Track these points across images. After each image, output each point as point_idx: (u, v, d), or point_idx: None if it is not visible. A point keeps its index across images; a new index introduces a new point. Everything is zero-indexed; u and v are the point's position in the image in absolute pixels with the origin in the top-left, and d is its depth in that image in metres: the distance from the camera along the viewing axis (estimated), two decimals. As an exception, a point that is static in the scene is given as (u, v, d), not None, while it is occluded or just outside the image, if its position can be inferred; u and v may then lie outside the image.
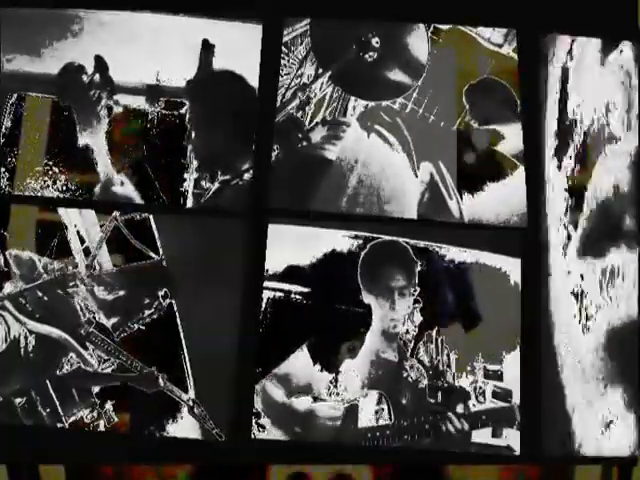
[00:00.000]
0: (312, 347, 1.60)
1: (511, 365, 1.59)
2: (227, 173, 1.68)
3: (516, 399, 1.57)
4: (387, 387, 1.59)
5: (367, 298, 1.62)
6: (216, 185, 1.67)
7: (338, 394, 1.58)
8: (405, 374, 1.59)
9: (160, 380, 1.57)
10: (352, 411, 1.57)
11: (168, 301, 1.62)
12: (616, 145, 1.68)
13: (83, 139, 1.69)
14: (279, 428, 1.56)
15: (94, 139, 1.69)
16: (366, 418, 1.57)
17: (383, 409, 1.57)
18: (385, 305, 1.62)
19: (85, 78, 1.72)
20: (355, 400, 1.58)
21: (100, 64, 1.72)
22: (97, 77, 1.72)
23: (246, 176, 1.68)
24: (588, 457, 1.55)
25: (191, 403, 1.57)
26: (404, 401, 1.58)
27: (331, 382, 1.58)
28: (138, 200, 1.67)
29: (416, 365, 1.59)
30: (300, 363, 1.59)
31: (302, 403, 1.57)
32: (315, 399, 1.57)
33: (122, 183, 1.67)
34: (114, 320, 1.61)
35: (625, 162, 1.67)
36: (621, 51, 1.72)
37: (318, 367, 1.59)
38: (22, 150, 1.69)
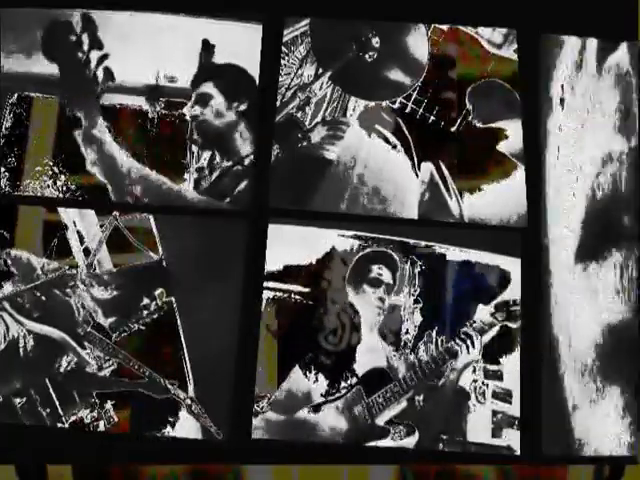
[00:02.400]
0: (305, 364, 1.59)
1: (511, 365, 1.59)
2: (227, 160, 1.69)
3: (516, 399, 1.57)
4: (385, 365, 1.60)
5: (352, 298, 1.62)
6: (216, 174, 1.68)
7: (339, 390, 1.58)
8: (401, 357, 1.60)
9: (175, 390, 1.58)
10: (357, 396, 1.57)
11: (168, 301, 1.62)
12: (615, 145, 1.68)
13: (74, 111, 1.70)
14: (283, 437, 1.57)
15: (86, 111, 1.70)
16: (372, 391, 1.58)
17: (386, 380, 1.58)
18: (369, 302, 1.62)
19: (73, 37, 1.72)
20: (357, 384, 1.58)
21: (87, 22, 1.72)
22: (85, 37, 1.71)
23: (246, 162, 1.68)
24: (587, 457, 1.55)
25: (189, 401, 1.57)
26: (401, 374, 1.59)
27: (329, 386, 1.58)
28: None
29: (410, 358, 1.60)
30: (297, 381, 1.59)
31: (305, 415, 1.58)
32: (317, 406, 1.58)
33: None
34: (113, 320, 1.61)
35: (623, 162, 1.67)
36: (619, 52, 1.72)
37: (314, 379, 1.59)
38: (29, 151, 1.69)
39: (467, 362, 1.59)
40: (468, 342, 1.59)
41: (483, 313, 1.60)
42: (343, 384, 1.58)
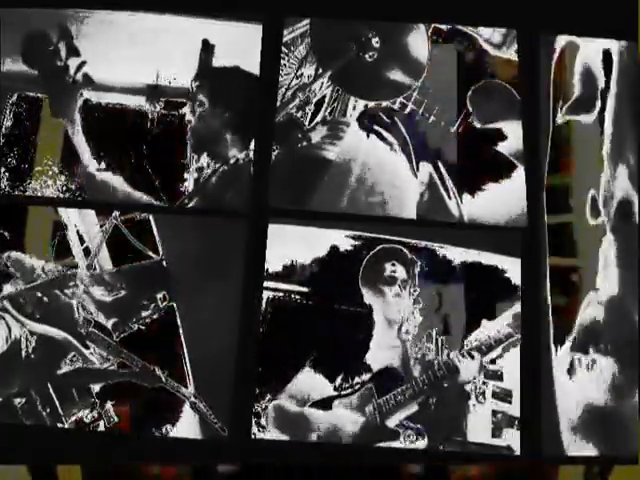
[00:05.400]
0: (315, 362, 1.59)
1: (511, 365, 1.59)
2: (222, 162, 1.69)
3: (516, 399, 1.58)
4: (397, 365, 1.60)
5: (368, 299, 1.62)
6: (213, 176, 1.68)
7: (352, 387, 1.58)
8: (412, 354, 1.59)
9: (161, 376, 1.57)
10: (368, 395, 1.58)
11: (168, 301, 1.62)
12: (611, 142, 1.69)
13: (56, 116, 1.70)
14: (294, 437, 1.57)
15: (68, 118, 1.70)
16: (383, 390, 1.58)
17: (396, 378, 1.58)
18: (386, 300, 1.62)
19: (50, 47, 1.72)
20: (369, 383, 1.58)
21: (64, 33, 1.72)
22: (62, 46, 1.71)
23: (233, 165, 1.68)
24: (587, 457, 1.55)
25: (193, 398, 1.57)
26: (416, 373, 1.59)
27: (343, 380, 1.59)
28: (124, 188, 1.67)
29: (420, 346, 1.60)
30: (308, 379, 1.59)
31: (318, 412, 1.58)
32: (329, 402, 1.58)
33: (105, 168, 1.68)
34: (114, 320, 1.61)
35: (621, 159, 1.68)
36: (618, 52, 1.73)
37: (326, 376, 1.59)
38: (32, 151, 1.69)
39: (480, 369, 1.58)
40: (485, 350, 1.58)
41: (500, 323, 1.60)
42: (356, 380, 1.58)
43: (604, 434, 1.55)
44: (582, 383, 1.57)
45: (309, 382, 1.58)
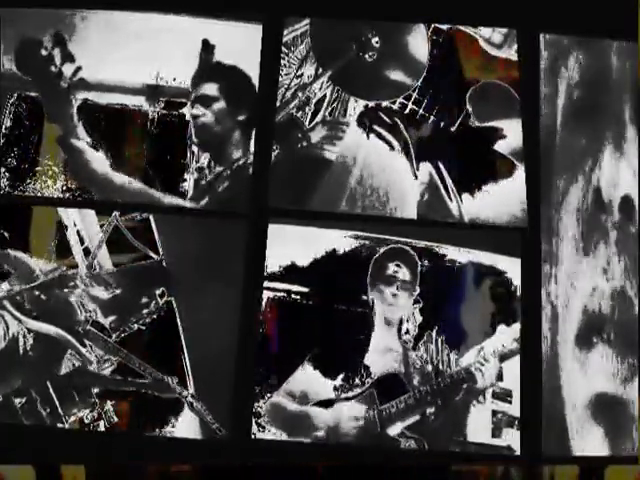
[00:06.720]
0: (315, 359, 1.59)
1: (511, 365, 1.59)
2: (224, 165, 1.69)
3: (516, 399, 1.57)
4: (398, 371, 1.60)
5: (372, 294, 1.62)
6: (213, 177, 1.68)
7: (352, 389, 1.58)
8: (412, 361, 1.59)
9: (161, 376, 1.57)
10: (370, 398, 1.57)
11: (168, 300, 1.62)
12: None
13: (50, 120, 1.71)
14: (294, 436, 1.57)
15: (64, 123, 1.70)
16: (386, 397, 1.57)
17: (399, 386, 1.58)
18: (388, 299, 1.62)
19: (44, 52, 1.72)
20: (371, 388, 1.58)
21: (58, 39, 1.72)
22: (57, 52, 1.71)
23: (235, 167, 1.68)
24: (586, 457, 1.55)
25: (193, 398, 1.57)
26: (415, 382, 1.58)
27: (344, 380, 1.58)
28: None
29: (421, 354, 1.60)
30: (307, 377, 1.59)
31: (319, 411, 1.57)
32: (330, 403, 1.58)
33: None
34: (113, 320, 1.61)
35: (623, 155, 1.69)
36: (617, 51, 1.73)
37: (325, 375, 1.59)
38: (39, 153, 1.69)
39: (485, 385, 1.58)
40: (489, 365, 1.58)
41: (506, 337, 1.60)
42: (357, 382, 1.58)
43: (605, 432, 1.56)
44: (586, 375, 1.57)
45: (309, 381, 1.58)
